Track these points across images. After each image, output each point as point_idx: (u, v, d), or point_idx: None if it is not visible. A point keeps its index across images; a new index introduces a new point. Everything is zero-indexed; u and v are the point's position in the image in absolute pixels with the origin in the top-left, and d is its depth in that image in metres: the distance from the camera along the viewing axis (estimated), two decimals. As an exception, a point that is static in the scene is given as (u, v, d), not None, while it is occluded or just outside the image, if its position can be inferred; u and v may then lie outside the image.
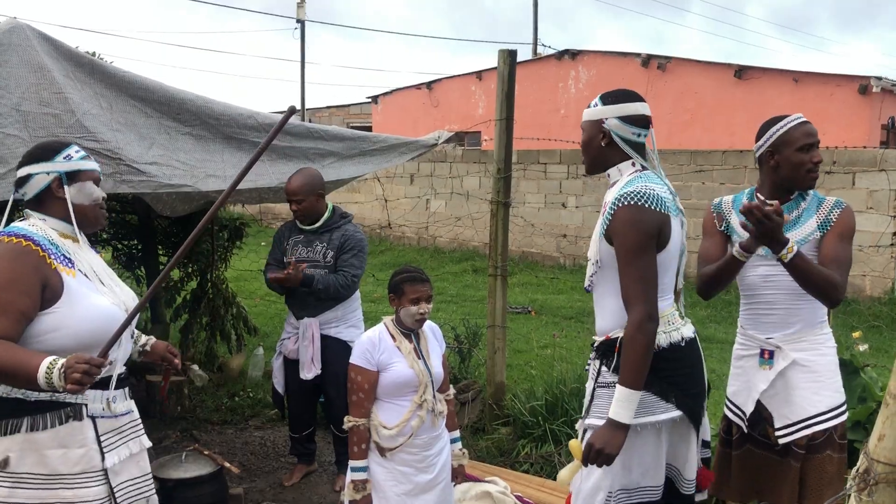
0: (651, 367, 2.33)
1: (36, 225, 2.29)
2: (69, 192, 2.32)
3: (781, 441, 2.69)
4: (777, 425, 2.71)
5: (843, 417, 2.69)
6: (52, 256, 2.23)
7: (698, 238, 10.41)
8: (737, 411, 2.86)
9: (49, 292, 2.19)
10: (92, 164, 2.42)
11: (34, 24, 3.28)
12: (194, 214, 5.48)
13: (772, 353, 2.72)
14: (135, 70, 3.54)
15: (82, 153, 2.40)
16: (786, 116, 2.72)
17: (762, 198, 2.78)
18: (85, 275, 2.32)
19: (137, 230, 6.22)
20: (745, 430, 2.81)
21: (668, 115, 14.82)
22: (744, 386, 2.82)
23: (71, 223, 2.34)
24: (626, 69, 15.72)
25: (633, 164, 2.48)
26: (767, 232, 2.36)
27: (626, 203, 2.33)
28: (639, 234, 2.31)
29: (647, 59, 15.43)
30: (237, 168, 3.81)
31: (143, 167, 3.34)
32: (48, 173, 2.31)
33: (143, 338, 2.69)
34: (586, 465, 2.32)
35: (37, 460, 2.17)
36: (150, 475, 2.50)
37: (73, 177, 2.34)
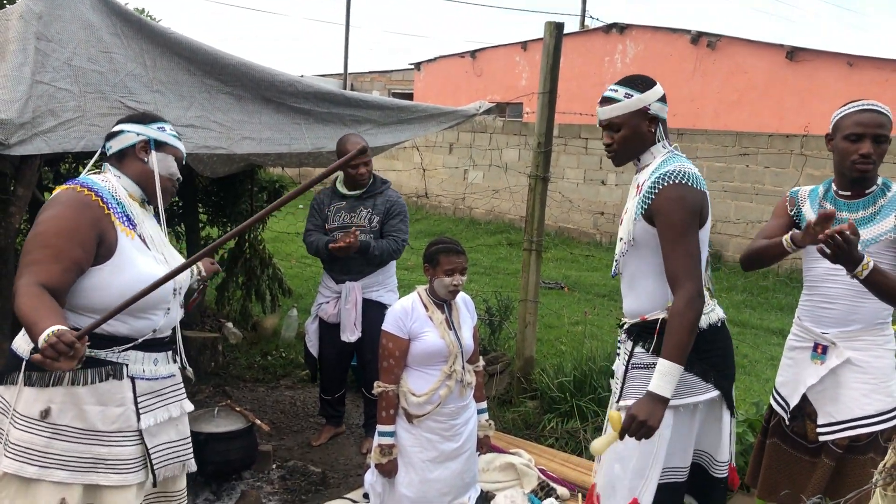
0: (693, 347, 2.33)
1: (109, 181, 2.36)
2: (153, 157, 2.42)
3: (822, 438, 2.63)
4: (820, 422, 2.65)
5: (893, 423, 2.59)
6: (115, 214, 2.29)
7: (739, 222, 10.20)
8: (780, 401, 2.82)
9: (103, 248, 2.23)
10: (180, 144, 2.53)
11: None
12: (235, 174, 5.54)
13: (825, 349, 2.66)
14: (182, 31, 3.58)
15: (174, 132, 2.52)
16: (859, 101, 2.61)
17: (836, 189, 2.68)
18: (143, 239, 2.36)
19: (179, 187, 6.30)
20: (787, 422, 2.76)
21: (716, 95, 14.52)
22: (792, 378, 2.77)
23: (142, 187, 2.42)
24: (675, 45, 15.39)
25: (664, 147, 2.46)
26: (842, 255, 2.24)
27: (671, 182, 2.32)
28: (685, 212, 2.30)
29: (697, 37, 15.08)
30: (272, 130, 3.85)
31: (181, 129, 3.38)
32: (138, 134, 2.41)
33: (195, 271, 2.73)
34: (622, 438, 2.31)
35: (76, 414, 2.22)
36: (189, 440, 2.52)
37: (160, 146, 2.45)
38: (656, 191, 2.34)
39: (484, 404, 3.26)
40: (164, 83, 3.49)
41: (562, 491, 3.77)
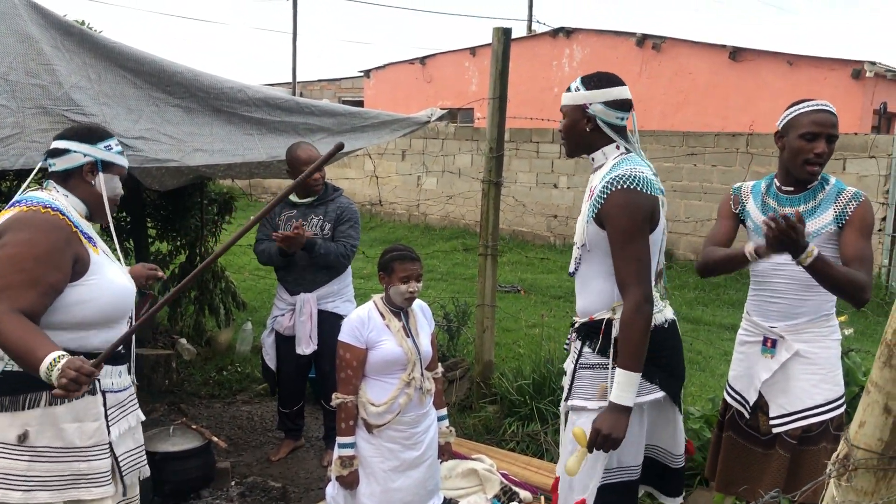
0: None
1: (59, 200, 2.32)
2: (100, 179, 2.39)
3: (775, 430, 2.70)
4: (772, 414, 2.71)
5: (841, 410, 2.68)
6: (81, 234, 2.29)
7: (689, 220, 10.35)
8: (736, 396, 2.87)
9: (79, 266, 2.23)
10: (124, 161, 2.50)
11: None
12: (184, 187, 5.45)
13: (774, 342, 2.71)
14: (124, 40, 3.51)
15: (119, 147, 2.49)
16: (810, 101, 2.66)
17: (778, 184, 2.75)
18: (105, 253, 2.39)
19: (126, 202, 6.17)
20: (747, 416, 2.81)
21: (662, 96, 14.79)
22: (745, 372, 2.83)
23: (88, 207, 2.40)
24: (621, 48, 15.65)
25: (618, 148, 2.48)
26: (788, 242, 2.29)
27: (619, 186, 2.32)
28: (633, 218, 2.31)
29: (642, 39, 15.35)
30: (224, 142, 3.79)
31: (131, 142, 3.31)
32: (85, 155, 2.36)
33: None
34: (591, 452, 2.33)
35: (54, 434, 2.20)
36: (143, 447, 2.55)
37: (107, 167, 2.41)
38: (605, 195, 2.35)
39: (444, 411, 3.25)
40: (110, 96, 3.40)
41: (524, 494, 3.77)
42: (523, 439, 4.50)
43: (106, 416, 2.32)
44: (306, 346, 4.15)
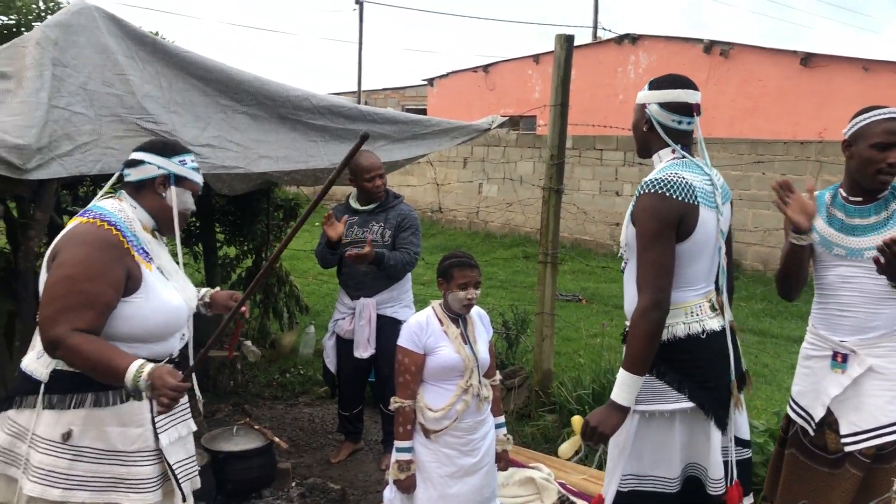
0: (667, 356, 2.35)
1: (125, 211, 2.35)
2: (171, 193, 2.41)
3: (847, 449, 2.56)
4: (843, 431, 2.58)
5: None
6: (135, 248, 2.30)
7: (756, 230, 10.11)
8: (801, 413, 2.74)
9: (131, 282, 2.26)
10: (198, 178, 2.51)
11: (102, 5, 3.38)
12: (252, 193, 5.58)
13: (845, 357, 2.59)
14: (194, 50, 3.62)
15: (195, 164, 2.50)
16: (882, 108, 2.54)
17: (844, 194, 2.65)
18: (160, 270, 2.39)
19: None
20: (812, 433, 2.68)
21: (730, 103, 14.43)
22: (811, 388, 2.70)
23: (156, 220, 2.43)
24: (688, 55, 15.35)
25: (673, 152, 2.44)
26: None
27: (647, 190, 2.33)
28: (655, 222, 2.29)
29: (710, 45, 15.02)
30: (289, 149, 3.88)
31: (198, 149, 3.41)
32: (159, 167, 2.39)
33: (203, 290, 2.75)
34: (584, 440, 2.35)
35: (97, 435, 2.24)
36: (194, 458, 2.56)
37: (179, 181, 2.44)
38: (636, 197, 2.37)
39: (502, 419, 3.24)
40: (180, 104, 3.53)
41: (582, 505, 3.74)
42: (582, 449, 4.45)
43: (153, 424, 2.33)
44: (364, 349, 4.19)
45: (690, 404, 2.39)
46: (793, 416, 2.79)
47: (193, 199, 2.52)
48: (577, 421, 2.36)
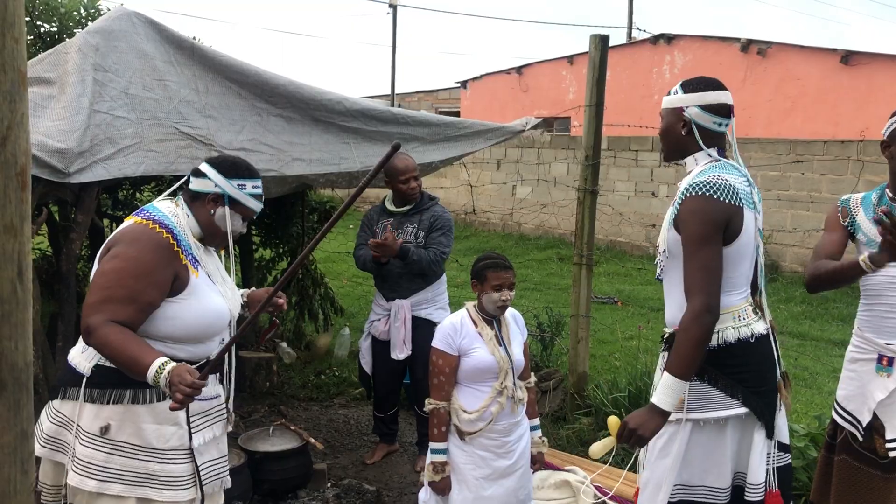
0: (718, 362, 2.30)
1: (179, 216, 2.41)
2: (220, 212, 2.43)
3: (892, 454, 2.52)
4: (889, 436, 2.54)
5: None
6: (185, 254, 2.36)
7: (795, 231, 9.92)
8: (847, 417, 2.70)
9: (178, 283, 2.32)
10: (254, 205, 2.50)
11: (142, 10, 3.44)
12: (286, 196, 5.63)
13: (891, 361, 2.55)
14: (232, 55, 3.67)
15: (256, 191, 2.50)
16: None
17: (891, 194, 2.61)
18: (208, 275, 2.45)
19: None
20: (860, 438, 2.64)
21: (768, 103, 14.21)
22: (857, 392, 2.66)
23: (204, 232, 2.46)
24: (724, 54, 15.15)
25: (710, 155, 2.42)
26: None
27: (694, 193, 2.29)
28: (704, 225, 2.26)
29: (747, 44, 14.81)
30: (322, 151, 3.91)
31: (233, 153, 3.46)
32: (216, 185, 2.42)
33: (240, 291, 2.78)
34: (619, 442, 2.31)
35: (133, 431, 2.29)
36: (226, 458, 2.58)
37: (233, 203, 2.45)
38: (680, 201, 2.33)
39: (537, 421, 3.23)
40: (216, 108, 3.58)
41: (619, 508, 3.70)
42: (618, 452, 4.39)
43: (189, 423, 2.37)
44: (400, 351, 4.21)
45: (744, 410, 2.35)
46: (840, 420, 2.74)
47: (244, 222, 2.53)
48: (613, 422, 2.33)
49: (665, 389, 2.24)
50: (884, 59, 13.01)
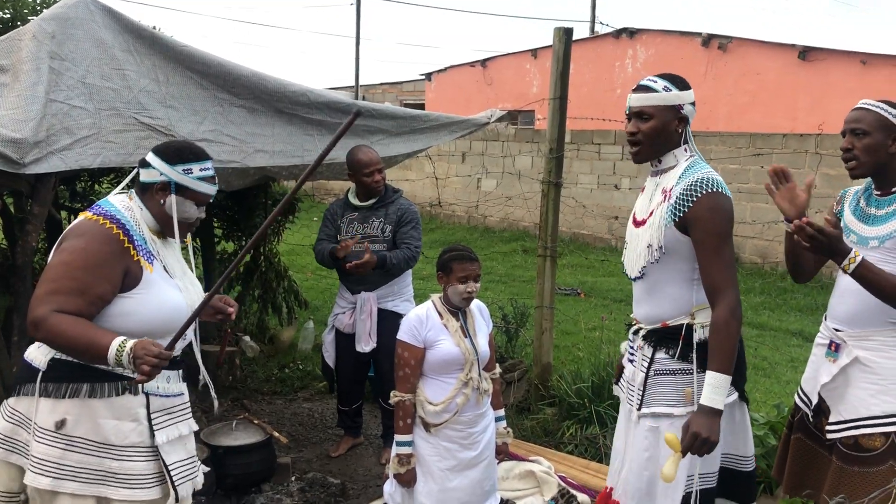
0: None
1: (132, 210, 2.36)
2: (169, 201, 2.36)
3: (829, 437, 2.61)
4: (830, 420, 2.62)
5: None
6: (137, 248, 2.30)
7: (755, 223, 10.08)
8: (803, 398, 2.80)
9: (130, 279, 2.27)
10: (204, 188, 2.41)
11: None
12: (249, 188, 5.57)
13: (838, 346, 2.62)
14: (194, 44, 3.61)
15: (204, 173, 2.40)
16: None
17: (863, 203, 2.68)
18: (165, 268, 2.39)
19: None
20: (810, 418, 2.74)
21: (728, 97, 14.44)
22: (812, 375, 2.76)
23: (159, 224, 2.40)
24: (686, 49, 15.35)
25: (686, 150, 2.47)
26: (822, 248, 2.32)
27: (707, 190, 2.34)
28: (725, 221, 2.35)
29: (708, 39, 15.02)
30: (285, 143, 3.87)
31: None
32: (161, 173, 2.35)
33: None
34: (686, 454, 2.32)
35: (91, 427, 2.24)
36: (195, 458, 2.53)
37: (180, 190, 2.37)
38: (693, 199, 2.34)
39: (502, 412, 3.25)
40: (177, 98, 3.51)
41: (582, 498, 3.74)
42: (581, 442, 4.46)
43: (150, 419, 2.32)
44: (366, 343, 4.19)
45: (736, 395, 2.49)
46: (797, 400, 2.85)
47: (200, 207, 2.44)
48: (672, 439, 2.30)
49: (716, 389, 2.30)
50: (840, 55, 13.29)
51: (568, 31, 4.62)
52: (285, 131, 3.91)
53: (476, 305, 3.14)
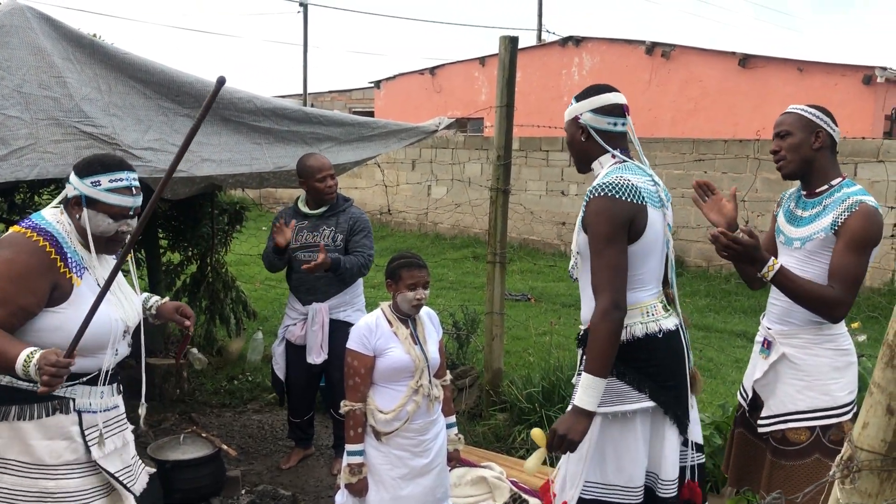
0: (626, 357, 2.38)
1: (63, 224, 2.31)
2: (84, 215, 2.29)
3: (760, 430, 2.73)
4: (762, 414, 2.74)
5: (830, 421, 2.58)
6: (66, 261, 2.25)
7: (699, 227, 10.30)
8: (743, 393, 2.91)
9: (58, 293, 2.22)
10: (115, 200, 2.30)
11: (36, 5, 3.28)
12: (195, 197, 5.49)
13: (770, 344, 2.72)
14: (136, 52, 3.55)
15: (117, 184, 2.30)
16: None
17: (793, 206, 2.78)
18: (97, 282, 2.32)
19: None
20: (747, 413, 2.83)
21: (672, 104, 14.76)
22: (750, 371, 2.87)
23: (81, 237, 2.34)
24: (631, 57, 15.64)
25: (613, 157, 2.50)
26: (739, 256, 2.39)
27: (598, 194, 2.36)
28: (608, 224, 2.33)
29: (652, 47, 15.34)
30: (233, 151, 3.82)
31: (139, 153, 3.35)
32: (74, 187, 2.30)
33: (152, 299, 2.69)
34: (551, 451, 2.34)
35: (22, 449, 2.19)
36: (132, 468, 2.49)
37: (91, 203, 2.29)
38: (585, 203, 2.41)
39: (453, 418, 3.25)
40: (120, 107, 3.44)
41: (534, 502, 3.76)
42: (533, 447, 4.49)
43: (84, 436, 2.28)
44: (317, 355, 4.15)
45: (651, 403, 2.43)
46: (738, 397, 2.95)
47: (118, 221, 2.34)
48: (537, 434, 2.34)
49: (585, 389, 2.29)
50: (778, 63, 13.71)
51: (514, 40, 4.68)
52: (232, 139, 3.86)
53: (426, 312, 3.15)
